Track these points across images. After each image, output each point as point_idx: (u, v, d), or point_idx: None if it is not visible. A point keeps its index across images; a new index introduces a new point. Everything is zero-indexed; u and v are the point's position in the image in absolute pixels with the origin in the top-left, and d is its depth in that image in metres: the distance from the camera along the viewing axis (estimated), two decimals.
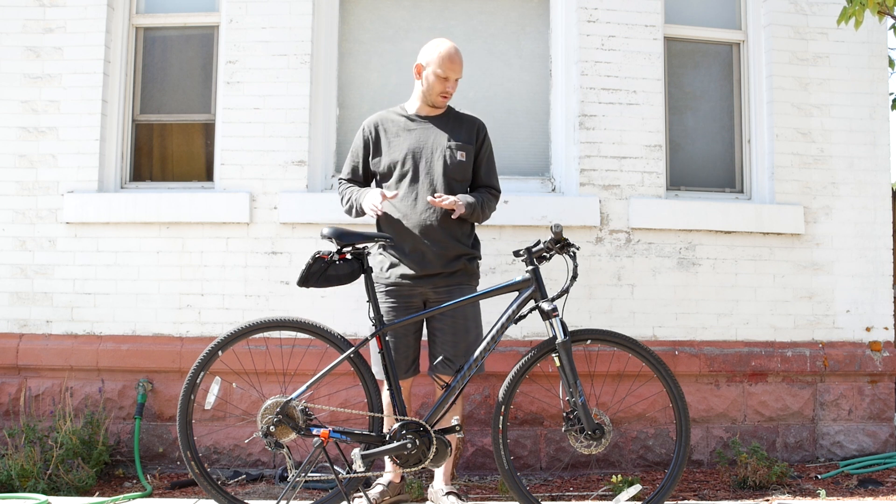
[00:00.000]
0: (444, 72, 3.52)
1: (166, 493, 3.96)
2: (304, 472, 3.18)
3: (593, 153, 4.54)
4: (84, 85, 4.50)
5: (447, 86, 3.56)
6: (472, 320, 3.55)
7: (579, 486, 4.13)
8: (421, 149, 3.59)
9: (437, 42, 3.59)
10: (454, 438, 3.57)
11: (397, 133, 3.63)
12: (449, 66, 3.53)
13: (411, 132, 3.62)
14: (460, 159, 3.59)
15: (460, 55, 3.58)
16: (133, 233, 4.45)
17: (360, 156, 3.68)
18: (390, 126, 3.65)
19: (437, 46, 3.56)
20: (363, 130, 3.69)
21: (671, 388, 3.38)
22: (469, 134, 3.66)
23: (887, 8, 4.06)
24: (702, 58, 4.91)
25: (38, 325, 4.44)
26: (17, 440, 3.99)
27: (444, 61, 3.52)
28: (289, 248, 4.43)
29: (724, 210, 4.61)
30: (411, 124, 3.64)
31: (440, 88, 3.56)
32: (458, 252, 3.55)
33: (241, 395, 4.28)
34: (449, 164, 3.57)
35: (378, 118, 3.70)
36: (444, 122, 3.66)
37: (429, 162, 3.57)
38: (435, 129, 3.63)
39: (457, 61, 3.55)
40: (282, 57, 4.51)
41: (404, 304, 3.52)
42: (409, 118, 3.66)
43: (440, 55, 3.53)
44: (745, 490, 4.00)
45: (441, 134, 3.61)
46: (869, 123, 4.76)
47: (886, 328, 4.71)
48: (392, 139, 3.62)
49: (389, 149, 3.61)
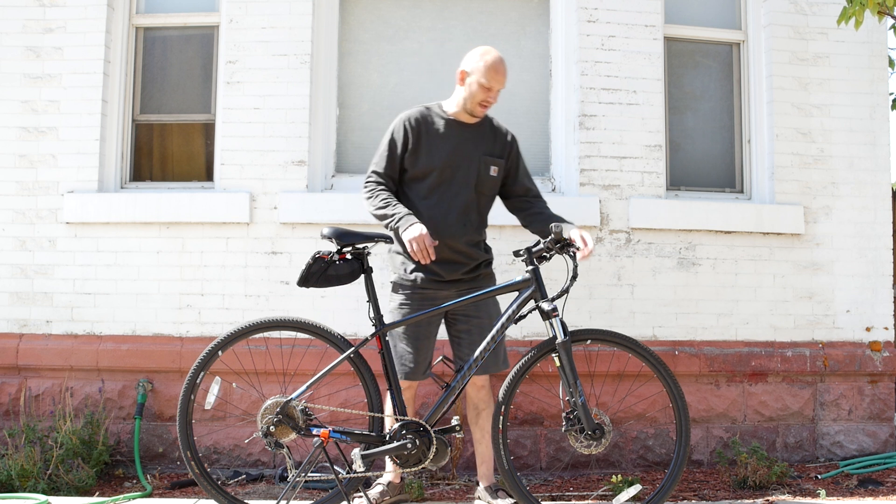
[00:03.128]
0: (489, 82, 3.44)
1: (166, 493, 3.96)
2: (304, 472, 3.18)
3: (593, 153, 4.54)
4: (84, 85, 4.50)
5: (489, 96, 3.48)
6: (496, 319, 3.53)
7: (579, 486, 4.13)
8: (457, 157, 3.50)
9: (482, 50, 3.50)
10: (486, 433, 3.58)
11: (437, 136, 3.53)
12: (494, 76, 3.45)
13: (449, 138, 3.53)
14: (492, 174, 3.56)
15: (505, 66, 3.50)
16: (133, 233, 4.45)
17: (399, 150, 3.52)
18: (432, 128, 3.53)
19: (483, 55, 3.47)
20: (407, 124, 3.53)
21: (671, 388, 3.38)
22: (502, 147, 3.62)
23: (887, 8, 4.07)
24: (702, 58, 4.91)
25: (38, 325, 4.44)
26: (17, 440, 3.99)
27: (489, 71, 3.43)
28: (289, 248, 4.43)
29: (724, 210, 4.61)
30: (450, 130, 3.54)
31: (482, 97, 3.47)
32: (480, 260, 3.59)
33: (241, 395, 4.28)
34: (482, 176, 3.54)
35: (421, 116, 3.55)
36: (481, 132, 3.59)
37: (464, 172, 3.51)
38: (472, 138, 3.56)
39: (502, 72, 3.47)
40: (282, 57, 4.51)
41: (430, 306, 3.47)
42: (448, 122, 3.55)
43: (486, 64, 3.44)
44: (745, 490, 4.00)
45: (477, 145, 3.56)
46: (869, 123, 4.76)
47: (886, 328, 4.71)
48: (432, 141, 3.52)
49: (429, 152, 3.51)
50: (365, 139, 4.65)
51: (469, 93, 3.50)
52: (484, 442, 3.61)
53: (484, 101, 3.49)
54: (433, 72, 4.71)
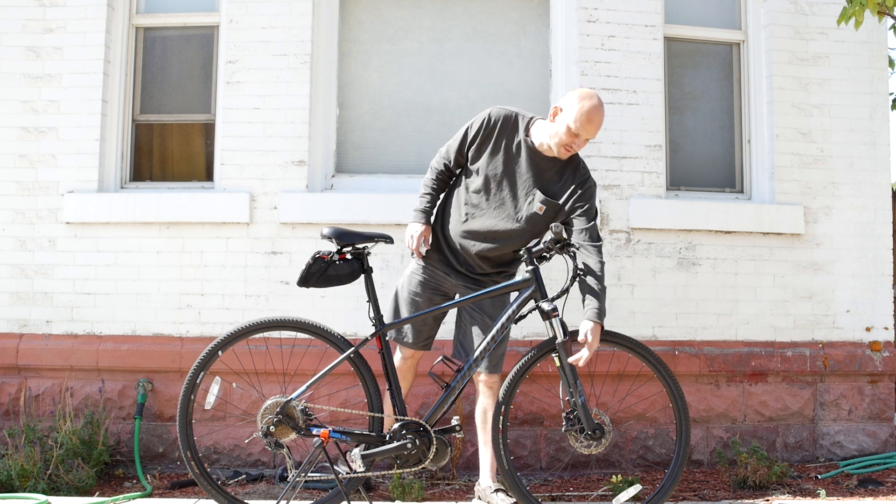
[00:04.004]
0: (577, 129, 3.26)
1: (166, 493, 3.96)
2: (304, 472, 3.18)
3: (593, 153, 4.53)
4: (84, 85, 4.50)
5: (575, 141, 3.30)
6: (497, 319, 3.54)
7: (579, 486, 4.13)
8: (514, 179, 3.42)
9: (583, 94, 3.30)
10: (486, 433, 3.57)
11: (504, 149, 3.42)
12: (586, 126, 3.27)
13: (517, 158, 3.42)
14: (535, 211, 3.40)
15: (602, 115, 3.29)
16: (133, 233, 4.45)
17: (468, 142, 3.45)
18: (508, 138, 3.42)
19: (582, 100, 3.28)
20: (487, 120, 3.43)
21: (671, 388, 3.39)
22: (562, 190, 3.42)
23: (887, 8, 4.07)
24: (702, 58, 4.91)
25: (38, 325, 4.44)
26: (17, 440, 3.99)
27: (582, 119, 3.25)
28: (289, 248, 4.43)
29: (724, 210, 4.61)
30: (523, 151, 3.42)
31: (567, 141, 3.30)
32: (492, 271, 3.58)
33: (241, 395, 4.28)
34: (522, 207, 3.43)
35: (504, 120, 3.43)
36: (552, 167, 3.43)
37: (509, 194, 3.43)
38: (539, 170, 3.42)
39: (595, 122, 3.27)
40: (282, 57, 4.51)
41: (434, 285, 3.57)
42: (525, 144, 3.41)
43: (581, 111, 3.25)
44: (745, 490, 4.00)
45: (539, 178, 3.42)
46: (869, 123, 4.76)
47: (886, 328, 4.71)
48: (501, 151, 3.43)
49: (493, 159, 3.43)
50: (365, 139, 4.66)
51: (555, 131, 3.33)
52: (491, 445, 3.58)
53: (567, 145, 3.32)
54: (433, 72, 4.71)
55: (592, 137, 3.35)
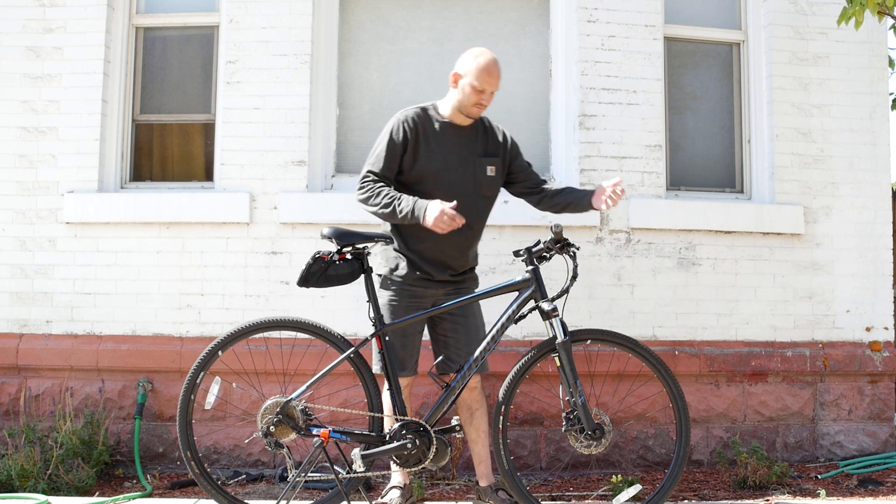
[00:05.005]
0: (482, 84, 3.40)
1: (166, 493, 3.96)
2: (304, 472, 3.18)
3: (593, 153, 4.54)
4: (84, 85, 4.50)
5: (482, 98, 3.43)
6: (480, 318, 3.59)
7: (579, 486, 4.13)
8: (453, 161, 3.47)
9: (475, 52, 3.46)
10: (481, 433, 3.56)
11: (434, 139, 3.48)
12: (486, 78, 3.41)
13: (445, 142, 3.49)
14: (490, 174, 3.53)
15: (499, 67, 3.46)
16: (133, 233, 4.45)
17: (399, 152, 3.44)
18: (429, 130, 3.49)
19: (476, 57, 3.43)
20: (405, 125, 3.46)
21: (671, 388, 3.39)
22: (496, 146, 3.59)
23: (887, 8, 4.07)
24: (702, 58, 4.91)
25: (38, 325, 4.44)
26: (17, 440, 3.99)
27: (482, 73, 3.40)
28: (289, 248, 4.43)
29: (724, 210, 4.61)
30: (446, 133, 3.50)
31: (475, 100, 3.43)
32: (470, 265, 3.60)
33: (241, 395, 4.28)
34: (479, 179, 3.51)
35: (418, 117, 3.50)
36: (475, 134, 3.57)
37: (460, 176, 3.48)
38: (466, 141, 3.53)
39: (495, 74, 3.43)
40: (282, 57, 4.51)
41: (416, 304, 3.48)
42: (444, 125, 3.51)
43: (478, 67, 3.40)
44: (745, 490, 4.00)
45: (471, 147, 3.53)
46: (869, 123, 4.76)
47: (886, 328, 4.71)
48: (429, 144, 3.47)
49: (426, 156, 3.46)
50: (365, 139, 4.65)
51: (463, 95, 3.46)
52: (480, 442, 3.59)
53: (477, 103, 3.45)
54: (433, 72, 4.70)
55: (496, 89, 3.49)
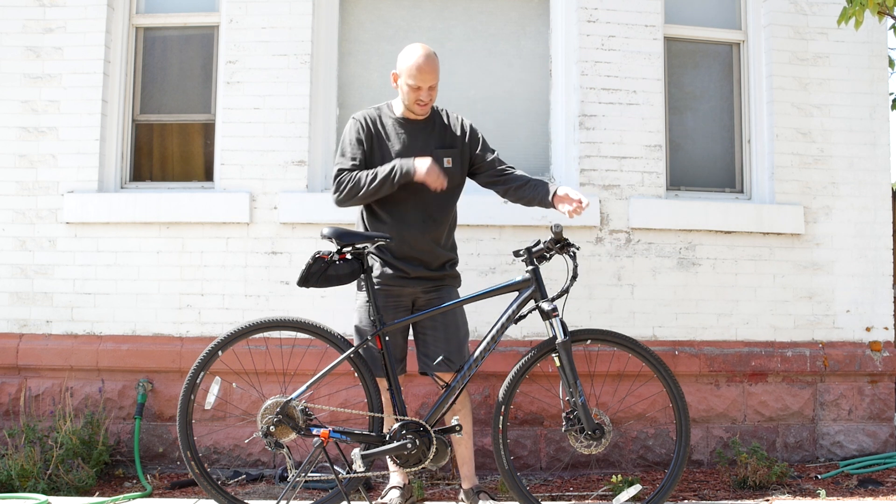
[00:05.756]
0: (416, 81, 3.39)
1: (166, 493, 3.96)
2: (304, 472, 3.18)
3: (593, 153, 4.54)
4: (84, 85, 4.50)
5: (420, 94, 3.42)
6: (461, 317, 3.57)
7: (579, 486, 4.13)
8: (409, 155, 3.44)
9: (408, 50, 3.45)
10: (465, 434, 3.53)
11: (388, 137, 3.52)
12: (419, 75, 3.38)
13: (399, 137, 3.52)
14: (447, 166, 3.50)
15: (431, 62, 3.41)
16: (133, 233, 4.45)
17: (363, 149, 3.48)
18: (383, 128, 3.53)
19: (408, 56, 3.42)
20: (362, 125, 3.51)
21: (671, 388, 3.39)
22: (453, 137, 3.57)
23: (887, 8, 4.06)
24: (702, 58, 4.91)
25: (38, 325, 4.44)
26: (17, 440, 3.99)
27: (412, 71, 3.38)
28: (289, 248, 4.43)
29: (724, 210, 4.61)
30: (399, 129, 3.53)
31: (414, 97, 3.43)
32: (444, 259, 3.56)
33: (241, 395, 4.28)
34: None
35: (372, 116, 3.54)
36: (431, 126, 3.56)
37: None
38: (420, 135, 3.53)
39: (426, 70, 3.39)
40: (282, 57, 4.51)
41: (394, 303, 3.49)
42: (397, 121, 3.54)
43: (409, 66, 3.39)
44: (745, 490, 4.00)
45: (427, 140, 3.53)
46: (869, 123, 4.76)
47: (886, 328, 4.71)
48: (385, 143, 3.50)
49: (381, 153, 3.49)
50: None
51: (402, 94, 3.48)
52: (463, 443, 3.55)
53: (417, 100, 3.44)
54: None
55: (434, 83, 3.45)
